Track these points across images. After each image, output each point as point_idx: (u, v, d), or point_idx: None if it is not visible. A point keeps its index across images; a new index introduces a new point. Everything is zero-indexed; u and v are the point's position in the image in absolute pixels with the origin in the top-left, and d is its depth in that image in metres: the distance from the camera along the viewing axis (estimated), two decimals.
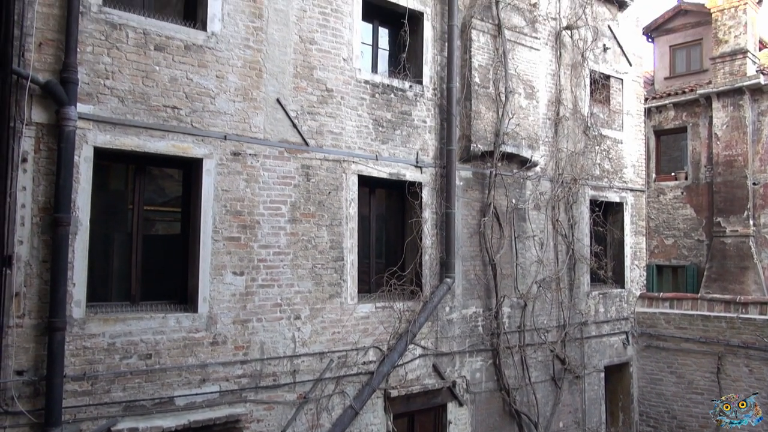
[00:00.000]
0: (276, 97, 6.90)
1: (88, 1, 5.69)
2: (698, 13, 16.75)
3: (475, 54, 8.71)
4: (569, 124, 10.39)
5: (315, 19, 7.29)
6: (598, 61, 11.05)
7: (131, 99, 5.89)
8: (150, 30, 6.04)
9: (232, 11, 6.62)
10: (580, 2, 10.64)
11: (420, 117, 8.30)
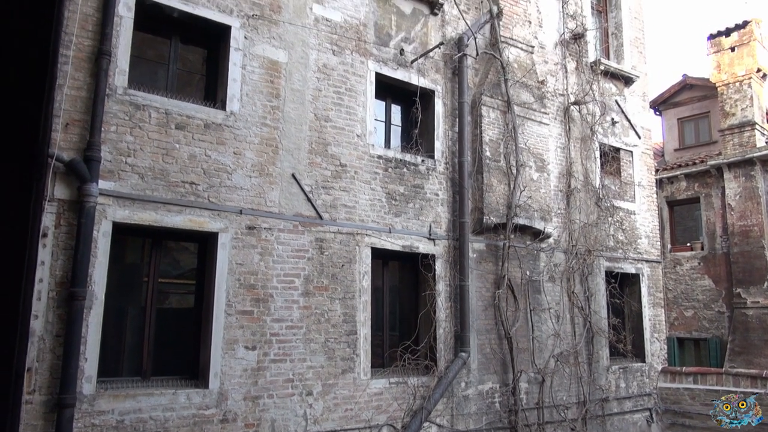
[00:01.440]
0: (291, 173, 7.05)
1: (114, 83, 5.96)
2: (704, 87, 17.11)
3: (486, 129, 8.91)
4: (581, 195, 10.44)
5: (330, 98, 7.55)
6: (607, 134, 11.22)
7: (151, 175, 6.05)
8: (172, 110, 6.28)
9: (250, 92, 6.88)
10: (586, 79, 10.94)
11: (432, 190, 8.40)
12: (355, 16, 7.97)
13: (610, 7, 12.23)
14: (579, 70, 10.93)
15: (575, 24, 10.94)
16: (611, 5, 12.23)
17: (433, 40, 8.80)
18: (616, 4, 12.15)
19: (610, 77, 11.43)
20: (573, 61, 10.87)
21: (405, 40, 8.49)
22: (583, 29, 10.94)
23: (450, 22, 9.08)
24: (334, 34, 7.71)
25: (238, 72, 6.81)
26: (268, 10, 7.16)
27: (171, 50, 6.81)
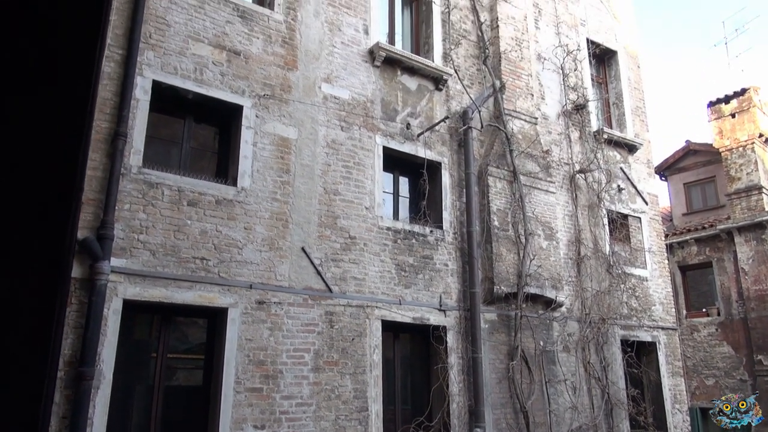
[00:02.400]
0: (301, 246, 7.09)
1: (129, 163, 6.13)
2: (707, 152, 17.32)
3: (493, 199, 8.99)
4: (592, 263, 10.38)
5: (339, 172, 7.70)
6: (614, 201, 11.28)
7: (162, 252, 6.10)
8: (184, 187, 6.41)
9: (261, 168, 7.04)
10: (590, 147, 11.12)
11: (442, 261, 8.39)
12: (363, 94, 8.25)
13: (610, 79, 12.59)
14: (583, 139, 11.12)
15: (576, 95, 11.23)
16: (611, 77, 12.59)
17: (439, 114, 9.05)
18: (615, 75, 12.51)
19: (613, 145, 11.61)
20: (576, 131, 11.09)
21: (411, 115, 8.73)
22: (584, 100, 11.22)
23: (454, 97, 9.36)
24: (342, 110, 7.96)
25: (250, 149, 7.00)
26: (278, 90, 7.43)
27: (185, 129, 7.04)
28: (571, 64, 11.31)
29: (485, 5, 10.32)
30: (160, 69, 6.59)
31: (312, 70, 7.82)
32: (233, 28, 7.26)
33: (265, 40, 7.50)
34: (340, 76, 8.08)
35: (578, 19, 12.00)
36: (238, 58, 7.19)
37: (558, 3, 11.76)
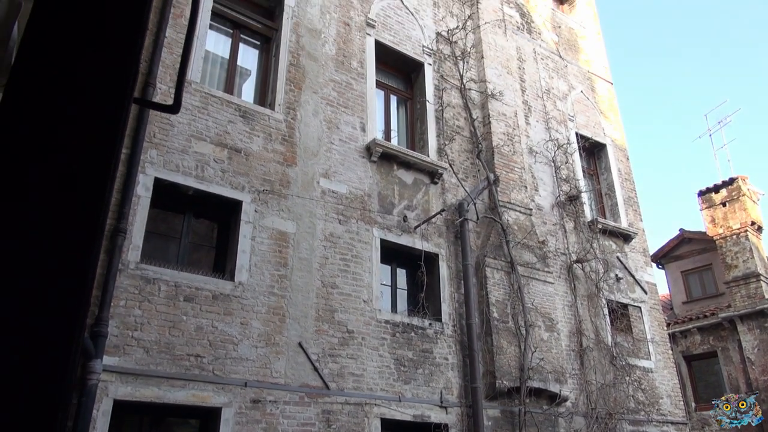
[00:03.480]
0: (298, 341, 6.96)
1: (126, 259, 6.13)
2: (701, 240, 17.46)
3: (492, 290, 8.94)
4: (594, 355, 10.16)
5: (336, 265, 7.70)
6: (613, 290, 11.22)
7: (156, 349, 5.97)
8: (181, 282, 6.38)
9: (259, 262, 7.05)
10: (586, 237, 11.21)
11: (442, 354, 8.22)
12: (360, 188, 8.41)
13: (601, 170, 12.92)
14: (578, 230, 11.24)
15: (569, 187, 11.47)
16: (601, 168, 12.92)
17: (435, 206, 9.19)
18: (605, 167, 12.85)
19: (608, 235, 11.72)
20: (571, 221, 11.22)
21: (408, 208, 8.86)
22: (577, 191, 11.45)
23: (450, 190, 9.55)
24: (340, 204, 8.08)
25: (248, 243, 7.03)
26: (277, 185, 7.59)
27: (184, 225, 7.10)
28: (562, 157, 11.64)
29: (477, 103, 10.77)
30: (162, 166, 6.75)
31: (310, 165, 8.02)
32: (235, 127, 7.52)
33: (266, 138, 7.74)
34: (338, 171, 8.28)
35: (566, 115, 12.49)
36: (238, 155, 7.40)
37: (546, 100, 12.28)
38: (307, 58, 8.66)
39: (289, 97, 8.22)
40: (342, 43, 9.25)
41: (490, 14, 11.77)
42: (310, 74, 8.59)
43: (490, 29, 11.57)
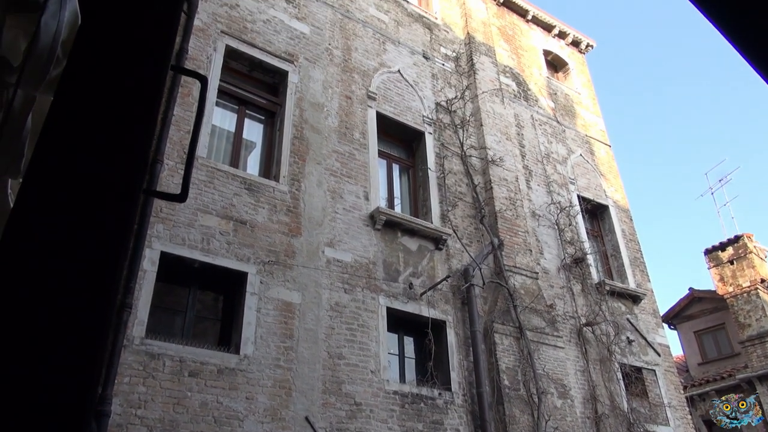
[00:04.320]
0: (305, 415, 6.79)
1: (131, 334, 6.09)
2: (712, 299, 17.23)
3: (501, 357, 8.78)
4: (611, 422, 9.83)
5: (343, 335, 7.62)
6: (625, 354, 10.99)
7: (160, 427, 5.83)
8: (186, 357, 6.30)
9: (264, 334, 6.98)
10: (594, 300, 11.10)
11: (453, 425, 7.97)
12: (365, 256, 8.43)
13: (605, 232, 12.94)
14: (585, 292, 11.14)
15: (574, 249, 11.46)
16: (605, 230, 12.95)
17: (440, 272, 9.16)
18: (609, 228, 12.87)
19: (617, 297, 11.59)
20: (578, 284, 11.14)
21: (413, 275, 8.84)
22: (582, 254, 11.43)
23: (455, 255, 9.55)
24: (345, 273, 8.08)
25: (253, 315, 6.99)
26: (282, 256, 7.62)
27: (189, 298, 7.09)
28: (566, 220, 11.70)
29: (478, 169, 10.94)
30: (168, 240, 6.81)
31: (315, 235, 8.08)
32: (240, 199, 7.63)
33: (271, 209, 7.84)
34: (343, 240, 8.33)
35: (567, 178, 12.65)
36: (244, 227, 7.47)
37: (546, 164, 12.47)
38: (310, 131, 8.90)
39: (293, 168, 8.38)
40: (344, 116, 9.51)
41: (487, 84, 12.15)
42: (314, 146, 8.80)
43: (488, 98, 11.91)
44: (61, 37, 1.43)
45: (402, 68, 11.08)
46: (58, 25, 1.42)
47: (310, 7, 10.30)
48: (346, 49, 10.35)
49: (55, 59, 1.41)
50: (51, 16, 1.39)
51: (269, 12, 9.59)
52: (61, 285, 0.95)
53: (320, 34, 10.12)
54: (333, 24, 10.46)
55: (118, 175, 0.94)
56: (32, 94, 1.61)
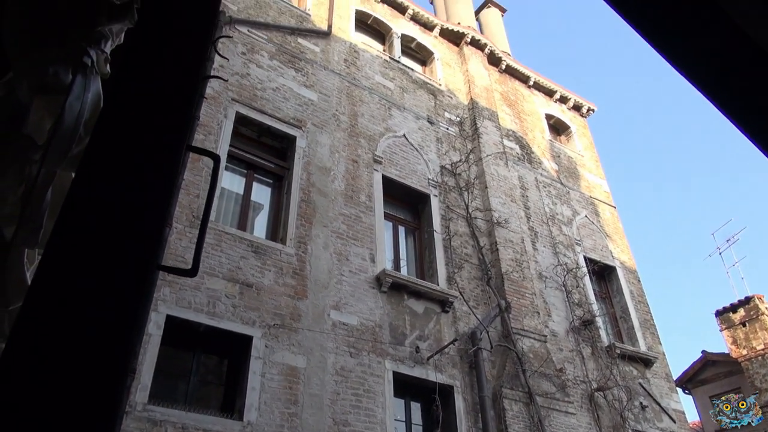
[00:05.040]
0: None
1: (134, 400, 6.00)
2: (726, 362, 16.82)
3: (511, 423, 8.54)
4: None
5: (348, 400, 7.47)
6: (639, 420, 10.67)
7: None
8: (189, 424, 6.18)
9: (269, 399, 6.86)
10: (605, 363, 10.88)
11: None
12: (371, 319, 8.38)
13: (613, 293, 12.83)
14: (596, 355, 10.94)
15: (582, 311, 11.34)
16: (613, 291, 12.84)
17: (447, 336, 9.06)
18: (617, 290, 12.77)
19: (628, 360, 11.36)
20: (588, 347, 10.96)
21: (420, 338, 8.74)
22: (591, 316, 11.29)
23: (461, 318, 9.46)
24: (351, 337, 8.00)
25: (258, 380, 6.89)
26: (288, 319, 7.58)
27: (193, 362, 7.02)
28: (573, 282, 11.63)
29: (483, 231, 11.00)
30: (174, 304, 6.82)
31: (321, 298, 8.06)
32: (247, 262, 7.67)
33: (277, 272, 7.87)
34: (349, 303, 8.30)
35: (573, 239, 12.66)
36: (250, 290, 7.48)
37: (552, 226, 12.52)
38: (317, 194, 9.04)
39: (300, 231, 8.46)
40: (351, 179, 9.68)
41: (491, 147, 12.38)
42: (321, 209, 8.91)
43: (492, 161, 12.12)
44: (84, 117, 1.51)
45: (407, 133, 11.34)
46: (81, 106, 1.51)
47: (318, 75, 10.68)
48: (352, 115, 10.64)
49: (77, 138, 1.49)
50: (75, 97, 1.48)
51: (279, 80, 9.94)
52: (76, 356, 0.98)
53: (328, 100, 10.44)
54: (340, 91, 10.81)
55: (133, 251, 0.99)
56: (54, 170, 1.69)
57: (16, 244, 1.83)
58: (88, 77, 1.47)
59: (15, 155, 1.59)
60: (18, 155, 1.60)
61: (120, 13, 1.41)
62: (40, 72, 1.43)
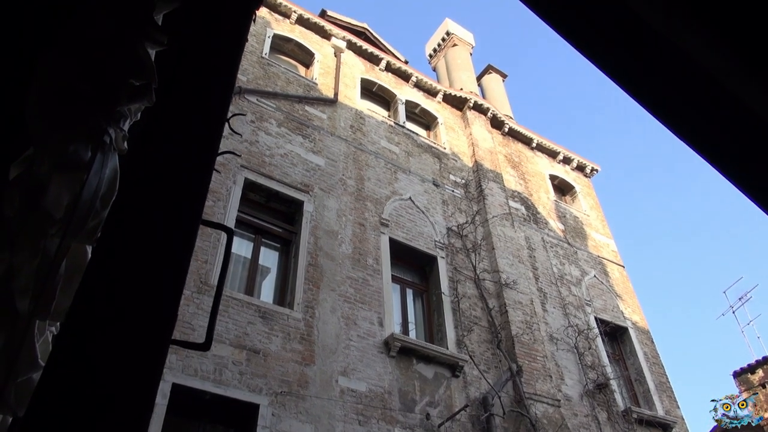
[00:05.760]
0: None
1: None
2: (747, 428, 16.23)
3: None
4: None
5: None
6: None
7: None
8: None
9: None
10: (622, 429, 10.51)
11: None
12: (380, 385, 8.20)
13: (627, 355, 12.55)
14: (612, 420, 10.59)
15: (596, 374, 11.07)
16: (627, 353, 12.57)
17: (458, 401, 8.83)
18: (631, 351, 12.50)
19: (645, 425, 10.98)
20: (603, 411, 10.63)
21: (430, 404, 8.52)
22: (605, 379, 11.02)
23: (472, 383, 9.25)
24: (359, 404, 7.82)
25: None
26: (295, 386, 7.44)
27: None
28: (585, 343, 11.42)
29: (492, 293, 10.90)
30: (181, 371, 6.72)
31: (329, 364, 7.93)
32: (254, 328, 7.61)
33: (284, 337, 7.78)
34: (357, 368, 8.15)
35: (583, 300, 12.52)
36: (257, 356, 7.38)
37: (561, 286, 12.41)
38: (324, 258, 9.05)
39: (307, 295, 8.42)
40: (358, 242, 9.71)
41: (497, 208, 12.46)
42: (328, 273, 8.90)
43: (498, 222, 12.16)
44: (101, 192, 1.56)
45: (413, 195, 11.46)
46: (99, 182, 1.56)
47: (325, 141, 10.92)
48: (359, 179, 10.80)
49: (93, 212, 1.53)
50: (94, 174, 1.53)
51: (287, 147, 10.16)
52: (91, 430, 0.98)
53: (334, 165, 10.63)
54: (347, 156, 11.01)
55: (148, 328, 1.00)
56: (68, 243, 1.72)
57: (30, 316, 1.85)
58: (107, 154, 1.52)
59: (32, 230, 1.62)
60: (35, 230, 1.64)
61: (139, 94, 1.47)
62: (61, 150, 1.49)
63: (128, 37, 1.39)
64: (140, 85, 1.53)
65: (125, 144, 1.64)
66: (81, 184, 1.45)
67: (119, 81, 1.37)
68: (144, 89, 1.51)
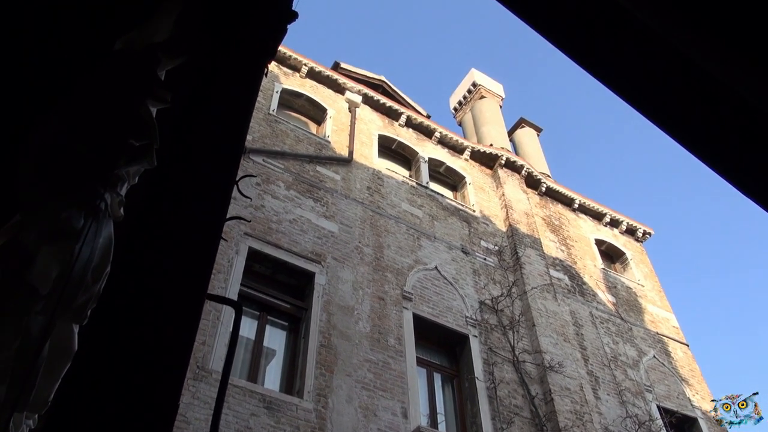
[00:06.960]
0: None
1: None
2: None
3: None
4: None
5: None
6: None
7: None
8: None
9: None
10: None
11: None
12: None
13: None
14: None
15: None
16: None
17: None
18: None
19: None
20: None
21: None
22: None
23: None
24: None
25: None
26: None
27: None
28: None
29: (534, 377, 10.63)
30: None
31: None
32: (258, 420, 7.46)
33: None
34: None
35: (642, 385, 12.13)
36: None
37: (615, 369, 12.07)
38: (339, 338, 8.95)
39: (319, 382, 8.28)
40: (377, 319, 9.62)
41: (536, 279, 12.34)
42: (343, 355, 8.78)
43: (539, 294, 12.01)
44: (93, 263, 1.58)
45: (439, 264, 11.42)
46: (91, 252, 1.58)
47: (339, 205, 11.03)
48: (377, 247, 10.82)
49: (83, 287, 1.55)
50: (86, 244, 1.56)
51: (296, 211, 10.27)
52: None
53: (349, 231, 10.68)
54: (363, 221, 11.09)
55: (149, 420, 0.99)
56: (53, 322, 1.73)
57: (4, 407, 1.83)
58: (101, 221, 1.55)
59: (15, 307, 1.64)
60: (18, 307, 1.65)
61: (139, 155, 1.52)
62: (52, 216, 1.52)
63: (129, 93, 1.44)
64: (140, 145, 1.58)
65: (121, 210, 1.67)
66: (72, 256, 1.47)
67: (118, 141, 1.42)
68: (144, 150, 1.56)
